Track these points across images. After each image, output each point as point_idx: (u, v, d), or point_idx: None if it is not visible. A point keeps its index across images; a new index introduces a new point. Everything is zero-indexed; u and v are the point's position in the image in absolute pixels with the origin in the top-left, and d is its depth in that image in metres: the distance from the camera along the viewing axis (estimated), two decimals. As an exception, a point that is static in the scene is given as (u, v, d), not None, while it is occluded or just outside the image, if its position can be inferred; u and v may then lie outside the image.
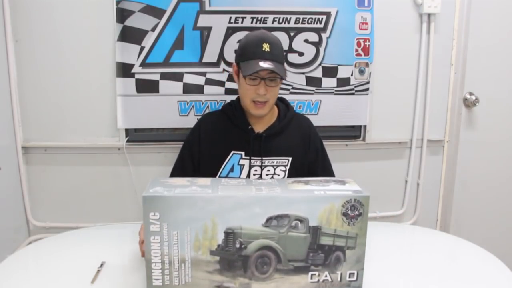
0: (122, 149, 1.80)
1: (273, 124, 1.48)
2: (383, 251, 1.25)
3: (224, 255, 0.99)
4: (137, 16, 1.67)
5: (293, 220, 1.00)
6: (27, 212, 1.84)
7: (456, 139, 2.05)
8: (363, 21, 1.79)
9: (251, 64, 1.35)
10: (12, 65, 1.71)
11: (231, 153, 1.45)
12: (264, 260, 1.00)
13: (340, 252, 1.02)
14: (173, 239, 0.98)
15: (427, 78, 1.94)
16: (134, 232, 1.33)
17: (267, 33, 1.42)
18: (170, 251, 0.98)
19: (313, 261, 1.02)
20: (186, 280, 0.99)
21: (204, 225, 0.98)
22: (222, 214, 0.98)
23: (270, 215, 0.99)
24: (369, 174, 1.98)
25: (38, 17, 1.69)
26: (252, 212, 0.98)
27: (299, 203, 1.00)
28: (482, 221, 2.14)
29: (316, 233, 1.01)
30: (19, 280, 1.11)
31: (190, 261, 0.99)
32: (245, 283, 1.00)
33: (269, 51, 1.35)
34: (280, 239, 1.00)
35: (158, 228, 0.97)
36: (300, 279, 1.01)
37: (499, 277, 1.15)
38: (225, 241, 0.98)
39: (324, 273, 1.01)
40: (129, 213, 1.84)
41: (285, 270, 1.01)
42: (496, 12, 1.95)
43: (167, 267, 0.98)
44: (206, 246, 0.98)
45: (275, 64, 1.34)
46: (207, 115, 1.57)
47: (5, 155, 1.73)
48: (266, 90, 1.38)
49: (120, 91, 1.73)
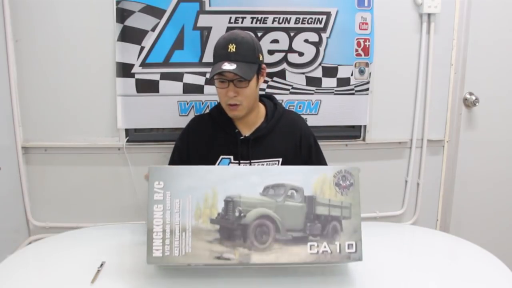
0: (122, 149, 1.80)
1: (260, 126, 1.46)
2: (383, 251, 1.25)
3: (224, 223, 1.03)
4: (137, 16, 1.67)
5: (289, 189, 1.06)
6: (27, 212, 1.84)
7: (456, 139, 2.05)
8: (363, 21, 1.79)
9: (216, 66, 1.34)
10: (12, 65, 1.71)
11: (219, 158, 1.44)
12: (263, 230, 1.03)
13: (336, 222, 1.05)
14: (175, 208, 1.03)
15: (427, 78, 1.94)
16: (134, 232, 1.34)
17: (236, 33, 1.38)
18: (172, 219, 1.02)
19: (310, 231, 1.05)
20: (186, 250, 1.01)
21: (205, 194, 1.04)
22: (222, 183, 1.04)
23: (267, 184, 1.05)
24: (369, 174, 1.98)
25: (38, 17, 1.69)
26: (250, 182, 1.05)
27: (293, 173, 1.08)
28: (482, 221, 2.14)
29: (312, 203, 1.06)
30: (19, 280, 1.11)
31: (191, 230, 1.01)
32: (244, 254, 1.01)
33: (234, 52, 1.32)
34: (278, 208, 1.04)
35: (161, 196, 1.03)
36: (300, 250, 1.03)
37: (499, 277, 1.15)
38: (225, 209, 1.03)
39: (323, 244, 1.04)
40: (129, 213, 1.84)
41: (284, 240, 1.03)
42: (496, 12, 1.95)
43: (168, 236, 1.01)
44: (206, 214, 1.02)
45: (240, 65, 1.31)
46: (195, 119, 1.55)
47: (5, 155, 1.73)
48: (236, 93, 1.36)
49: (120, 91, 1.73)
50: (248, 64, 1.35)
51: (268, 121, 1.47)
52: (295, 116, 1.56)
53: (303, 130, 1.52)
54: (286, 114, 1.52)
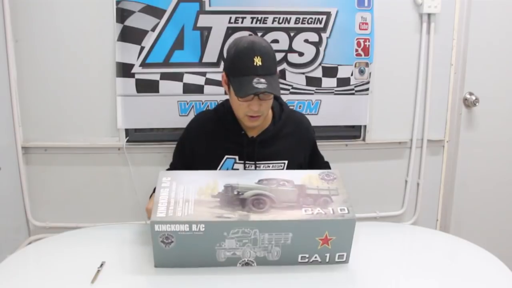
0: (122, 149, 1.80)
1: (267, 128, 1.43)
2: (383, 251, 1.25)
3: (224, 197, 1.14)
4: (137, 16, 1.67)
5: (281, 181, 1.20)
6: (27, 212, 1.84)
7: (456, 139, 2.05)
8: (363, 21, 1.79)
9: (244, 83, 1.26)
10: (12, 65, 1.71)
11: (224, 158, 1.42)
12: (259, 201, 1.13)
13: (326, 197, 1.15)
14: (180, 190, 1.15)
15: (427, 78, 1.94)
16: (134, 232, 1.34)
17: (257, 42, 1.29)
18: (176, 195, 1.13)
19: (304, 202, 1.13)
20: (189, 212, 1.07)
21: (207, 182, 1.18)
22: (221, 177, 1.20)
23: (261, 178, 1.21)
24: (369, 174, 1.98)
25: (38, 17, 1.69)
26: (246, 177, 1.22)
27: (282, 174, 1.27)
28: (482, 221, 2.14)
29: (302, 188, 1.18)
30: (19, 280, 1.11)
31: (193, 201, 1.11)
32: (244, 214, 1.08)
33: (261, 65, 1.25)
34: (272, 191, 1.16)
35: (168, 184, 1.17)
36: (296, 213, 1.10)
37: (499, 277, 1.15)
38: (225, 191, 1.16)
39: (316, 209, 1.11)
40: (129, 213, 1.84)
41: (280, 207, 1.12)
42: (496, 12, 1.95)
43: (172, 204, 1.10)
44: (208, 193, 1.15)
45: (268, 79, 1.25)
46: (199, 116, 1.52)
47: (5, 155, 1.73)
48: (260, 105, 1.31)
49: (120, 91, 1.73)
50: (274, 76, 1.30)
51: (275, 123, 1.44)
52: (300, 116, 1.55)
53: (309, 130, 1.53)
54: (292, 114, 1.51)
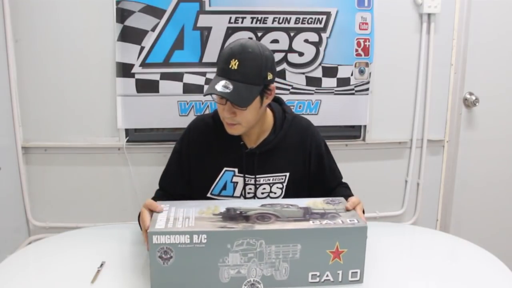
0: (122, 149, 1.80)
1: (267, 138, 1.32)
2: (383, 251, 1.25)
3: (227, 215, 1.08)
4: (137, 16, 1.67)
5: (284, 205, 1.14)
6: (27, 212, 1.84)
7: (456, 139, 2.05)
8: (363, 21, 1.79)
9: (213, 82, 1.20)
10: (12, 65, 1.71)
11: (223, 170, 1.33)
12: (264, 216, 1.08)
13: (334, 213, 1.10)
14: (179, 211, 1.09)
15: (427, 78, 1.94)
16: (134, 232, 1.33)
17: (245, 45, 1.19)
18: (176, 215, 1.07)
19: (311, 217, 1.07)
20: (189, 225, 1.02)
21: (207, 206, 1.13)
22: (222, 204, 1.15)
23: (264, 203, 1.15)
24: (369, 174, 1.98)
25: (38, 17, 1.69)
26: (249, 203, 1.16)
27: (286, 200, 1.18)
28: (482, 221, 2.14)
29: (307, 209, 1.12)
30: (19, 280, 1.11)
31: (194, 218, 1.06)
32: (248, 225, 1.03)
33: (235, 70, 1.16)
34: (276, 211, 1.10)
35: (167, 208, 1.11)
36: (303, 223, 1.05)
37: (499, 277, 1.15)
38: (227, 211, 1.10)
39: (324, 221, 1.06)
40: (129, 213, 1.84)
41: (286, 221, 1.06)
42: (496, 12, 1.96)
43: (171, 221, 1.03)
44: (209, 212, 1.09)
45: (238, 86, 1.16)
46: (197, 123, 1.40)
47: (5, 155, 1.73)
48: (233, 113, 1.21)
49: (120, 91, 1.73)
50: (249, 86, 1.18)
51: (276, 133, 1.33)
52: (305, 124, 1.40)
53: (314, 140, 1.39)
54: (296, 122, 1.38)
